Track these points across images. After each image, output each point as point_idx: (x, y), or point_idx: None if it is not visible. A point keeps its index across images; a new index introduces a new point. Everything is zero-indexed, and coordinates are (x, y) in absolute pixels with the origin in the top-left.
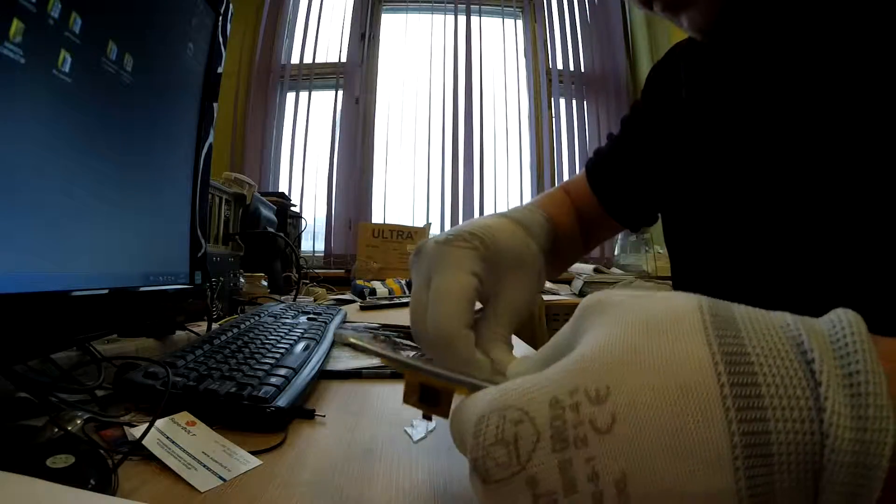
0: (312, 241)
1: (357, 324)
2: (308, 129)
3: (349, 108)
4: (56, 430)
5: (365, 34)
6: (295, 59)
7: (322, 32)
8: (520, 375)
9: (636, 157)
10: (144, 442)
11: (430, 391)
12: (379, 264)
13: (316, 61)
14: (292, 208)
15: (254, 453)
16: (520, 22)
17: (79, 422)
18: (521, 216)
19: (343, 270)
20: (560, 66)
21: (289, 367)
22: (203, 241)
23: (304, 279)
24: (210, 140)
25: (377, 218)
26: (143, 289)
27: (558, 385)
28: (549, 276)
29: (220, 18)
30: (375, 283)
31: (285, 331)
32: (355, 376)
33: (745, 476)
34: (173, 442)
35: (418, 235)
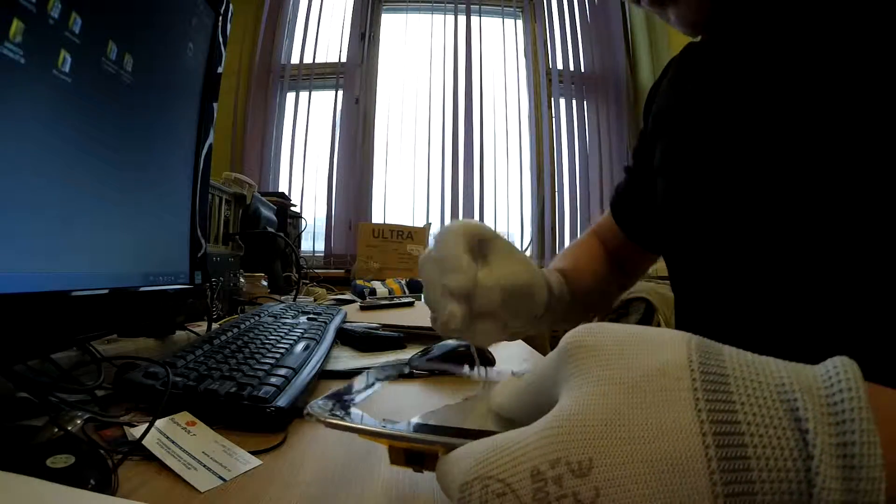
0: (312, 241)
1: (356, 324)
2: (308, 130)
3: (349, 108)
4: (56, 430)
5: (365, 34)
6: (295, 60)
7: (322, 32)
8: (503, 407)
9: (648, 183)
10: (144, 442)
11: (414, 454)
12: (379, 264)
13: (316, 61)
14: (292, 208)
15: (254, 453)
16: (520, 22)
17: (79, 422)
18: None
19: (343, 270)
20: (560, 66)
21: (289, 367)
22: (203, 241)
23: (304, 279)
24: (210, 140)
25: (377, 218)
26: (143, 289)
27: (540, 454)
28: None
29: (220, 18)
30: (375, 283)
31: (285, 331)
32: (356, 376)
33: None
34: (173, 442)
35: (418, 235)
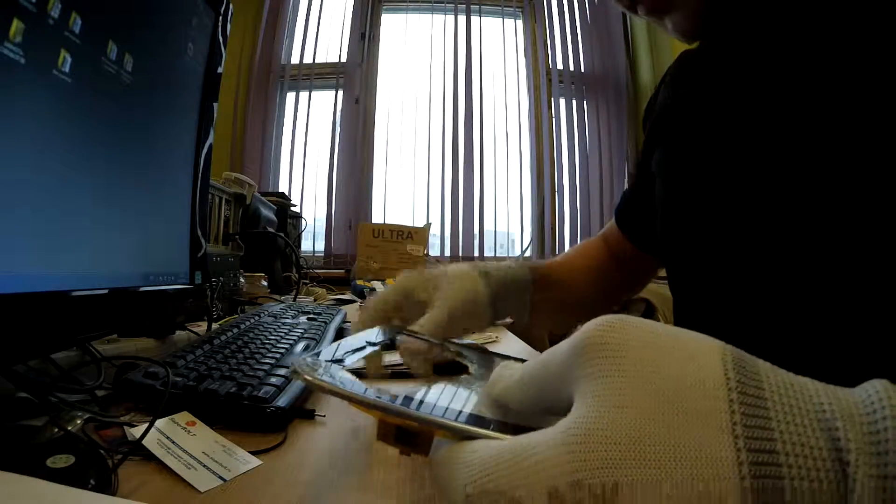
0: (312, 241)
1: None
2: (308, 129)
3: (349, 108)
4: (56, 430)
5: (365, 34)
6: (295, 59)
7: (322, 32)
8: (502, 396)
9: (650, 188)
10: (144, 442)
11: (406, 432)
12: (379, 264)
13: (316, 61)
14: (292, 208)
15: (254, 453)
16: (520, 22)
17: (79, 422)
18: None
19: (343, 270)
20: (560, 66)
21: (289, 367)
22: (203, 241)
23: (304, 279)
24: (210, 140)
25: (377, 218)
26: (143, 289)
27: (559, 472)
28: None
29: (220, 18)
30: (375, 283)
31: (285, 331)
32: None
33: None
34: (173, 442)
35: (418, 235)
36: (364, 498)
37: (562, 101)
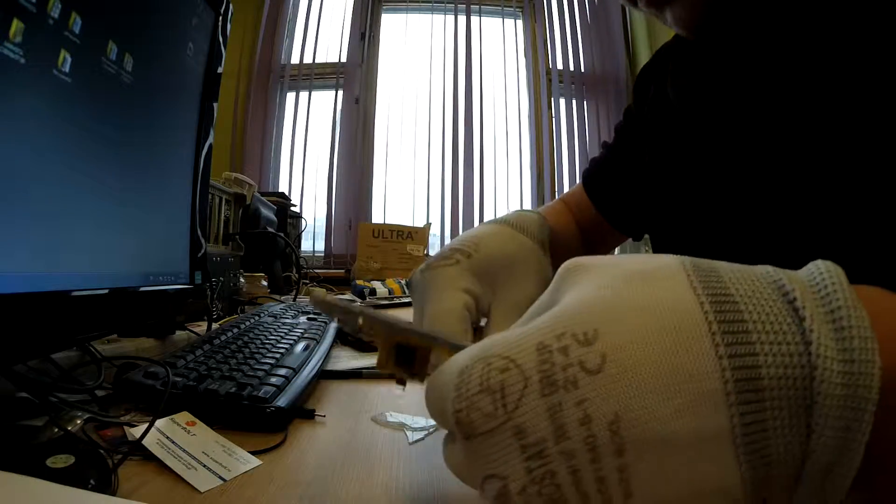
0: (312, 241)
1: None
2: (308, 129)
3: (349, 108)
4: (56, 430)
5: (365, 34)
6: (295, 59)
7: (322, 32)
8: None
9: (629, 162)
10: (144, 442)
11: (405, 351)
12: (379, 264)
13: (316, 61)
14: (292, 208)
15: (254, 453)
16: (520, 22)
17: (79, 422)
18: (511, 217)
19: (343, 270)
20: (560, 66)
21: (289, 367)
22: (203, 241)
23: (304, 279)
24: (210, 140)
25: (377, 218)
26: (142, 289)
27: (545, 331)
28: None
29: (220, 18)
30: (375, 283)
31: (285, 331)
32: (355, 376)
33: (738, 413)
34: (173, 442)
35: (418, 235)
36: (364, 498)
37: (562, 101)
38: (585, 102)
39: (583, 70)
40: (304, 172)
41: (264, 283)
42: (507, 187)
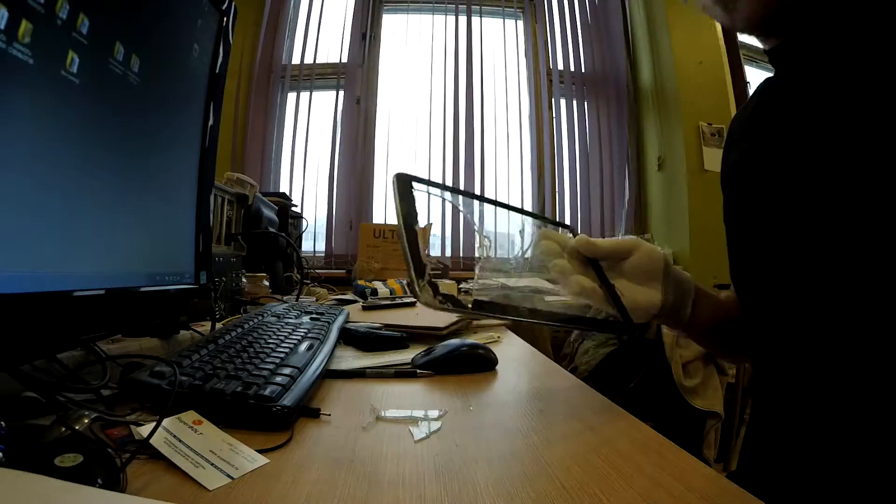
0: (313, 241)
1: (359, 324)
2: (309, 130)
3: (350, 109)
4: (63, 429)
5: (366, 34)
6: (296, 60)
7: (323, 33)
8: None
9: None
10: (151, 441)
11: None
12: (380, 264)
13: (317, 62)
14: (293, 208)
15: (261, 452)
16: (520, 22)
17: (86, 421)
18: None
19: (344, 271)
20: (560, 66)
21: (294, 366)
22: (208, 240)
23: (306, 279)
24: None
25: (378, 218)
26: (146, 289)
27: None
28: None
29: (225, 20)
30: (377, 284)
31: (289, 330)
32: (359, 376)
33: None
34: (180, 441)
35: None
36: (370, 496)
37: (562, 102)
38: (586, 102)
39: (583, 70)
40: (306, 173)
41: (266, 283)
42: (507, 187)
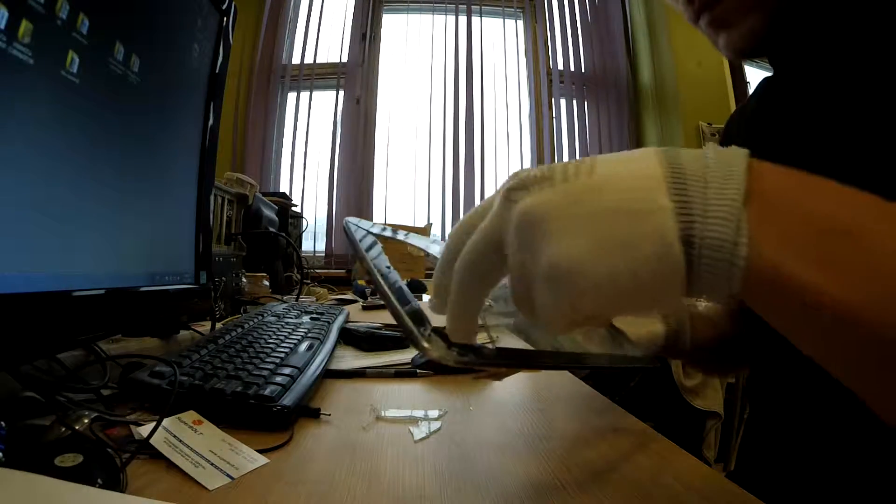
0: (313, 241)
1: (359, 323)
2: (309, 130)
3: (350, 109)
4: (64, 429)
5: (366, 34)
6: (296, 60)
7: (323, 33)
8: None
9: None
10: (152, 441)
11: None
12: None
13: (317, 62)
14: (293, 208)
15: (260, 451)
16: (520, 22)
17: (86, 421)
18: None
19: (344, 270)
20: (560, 66)
21: (294, 366)
22: (208, 240)
23: (306, 279)
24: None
25: (378, 218)
26: (146, 289)
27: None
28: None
29: (225, 20)
30: None
31: (289, 330)
32: (359, 376)
33: (671, 186)
34: (180, 440)
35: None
36: (370, 495)
37: (562, 102)
38: (586, 102)
39: (583, 70)
40: (305, 172)
41: (266, 282)
42: None
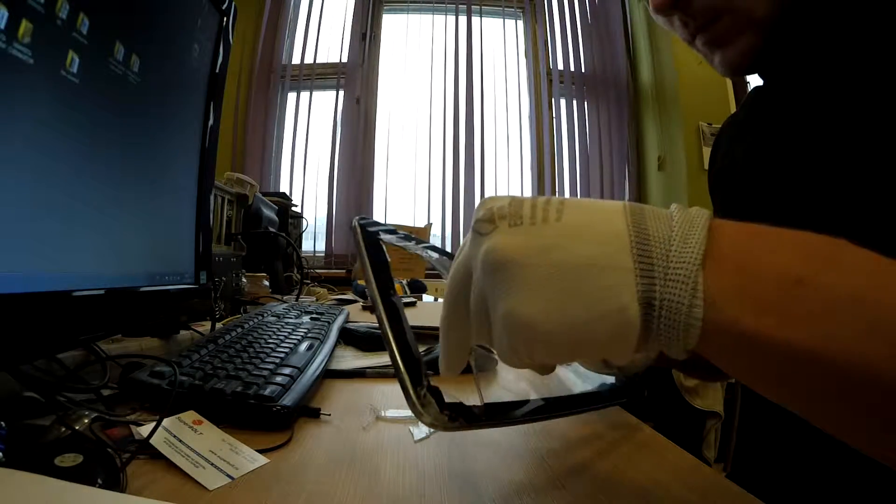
0: (313, 241)
1: (359, 323)
2: (309, 130)
3: (350, 109)
4: (63, 429)
5: (366, 34)
6: (296, 60)
7: (323, 33)
8: None
9: None
10: (152, 441)
11: None
12: None
13: (317, 62)
14: (293, 208)
15: (260, 452)
16: (520, 22)
17: (86, 421)
18: None
19: (344, 270)
20: (560, 66)
21: (294, 366)
22: (208, 240)
23: (306, 279)
24: (214, 140)
25: (378, 218)
26: (146, 289)
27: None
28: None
29: (225, 20)
30: None
31: (289, 330)
32: (359, 375)
33: (636, 254)
34: (180, 440)
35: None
36: (370, 496)
37: (562, 102)
38: (586, 102)
39: (583, 70)
40: (305, 172)
41: (266, 282)
42: (507, 187)
